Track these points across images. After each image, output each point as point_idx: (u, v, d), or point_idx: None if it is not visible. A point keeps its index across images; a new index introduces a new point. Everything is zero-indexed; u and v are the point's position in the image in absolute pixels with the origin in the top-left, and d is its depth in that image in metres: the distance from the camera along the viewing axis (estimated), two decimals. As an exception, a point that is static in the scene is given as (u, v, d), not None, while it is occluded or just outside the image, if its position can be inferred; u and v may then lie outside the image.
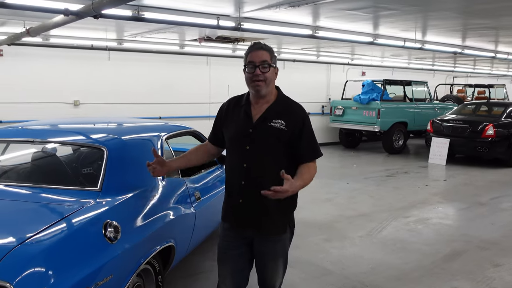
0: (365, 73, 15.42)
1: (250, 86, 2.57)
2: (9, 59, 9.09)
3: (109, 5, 3.78)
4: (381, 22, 6.72)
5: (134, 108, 10.50)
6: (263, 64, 2.49)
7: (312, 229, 5.79)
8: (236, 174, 2.60)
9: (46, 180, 3.17)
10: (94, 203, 2.78)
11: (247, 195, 2.57)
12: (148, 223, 3.04)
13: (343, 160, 11.92)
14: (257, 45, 2.55)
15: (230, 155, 2.67)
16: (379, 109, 12.13)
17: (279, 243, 2.65)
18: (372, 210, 6.77)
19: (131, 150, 3.41)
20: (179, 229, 3.48)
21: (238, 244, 2.68)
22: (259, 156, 2.53)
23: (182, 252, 3.68)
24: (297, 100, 2.73)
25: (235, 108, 2.68)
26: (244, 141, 2.55)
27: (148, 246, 3.01)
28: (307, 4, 4.88)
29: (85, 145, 3.37)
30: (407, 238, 5.52)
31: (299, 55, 12.09)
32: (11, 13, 5.55)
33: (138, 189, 3.15)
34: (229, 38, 8.66)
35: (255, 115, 2.57)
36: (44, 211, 2.67)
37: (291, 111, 2.60)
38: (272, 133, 2.52)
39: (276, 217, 2.60)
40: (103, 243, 2.55)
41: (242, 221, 2.63)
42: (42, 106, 9.37)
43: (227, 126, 2.67)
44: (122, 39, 9.08)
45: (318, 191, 7.91)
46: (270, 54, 2.55)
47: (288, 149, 2.55)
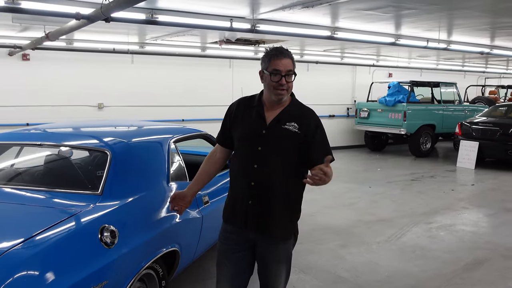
0: (391, 74, 15.11)
1: (272, 93, 2.53)
2: (35, 63, 9.33)
3: (117, 8, 3.79)
4: (402, 22, 6.53)
5: (157, 110, 10.59)
6: (289, 73, 2.49)
7: (328, 234, 5.66)
8: (245, 175, 2.57)
9: (47, 183, 3.19)
10: (93, 207, 2.76)
11: (256, 196, 2.54)
12: (149, 228, 3.01)
13: (368, 164, 11.69)
14: (282, 52, 2.52)
15: (240, 156, 2.63)
16: (405, 111, 11.84)
17: (282, 247, 2.61)
18: (393, 215, 6.57)
19: (136, 153, 3.39)
20: (184, 234, 3.44)
21: (240, 247, 2.64)
22: (270, 158, 2.52)
23: (188, 258, 3.63)
24: (322, 103, 2.71)
25: (246, 108, 2.65)
26: (256, 142, 2.54)
27: (149, 250, 2.97)
28: (321, 5, 4.78)
29: (90, 148, 3.38)
30: (427, 245, 5.32)
31: (322, 56, 11.96)
32: (32, 18, 5.66)
33: (141, 193, 3.12)
34: (249, 40, 8.62)
35: (269, 117, 2.56)
36: (41, 215, 2.66)
37: (304, 115, 2.58)
38: (285, 135, 2.51)
39: (283, 221, 2.58)
40: (98, 248, 2.53)
41: (249, 223, 2.59)
42: (67, 109, 9.59)
43: (237, 126, 2.64)
44: (144, 43, 9.17)
45: (338, 195, 7.77)
46: (293, 61, 2.54)
47: (299, 153, 2.53)
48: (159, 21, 5.24)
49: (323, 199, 7.41)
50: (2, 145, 3.60)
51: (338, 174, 9.69)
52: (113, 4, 3.70)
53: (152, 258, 2.99)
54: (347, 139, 14.10)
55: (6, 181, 3.26)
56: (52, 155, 3.56)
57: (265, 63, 2.53)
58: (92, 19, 4.36)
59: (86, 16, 4.31)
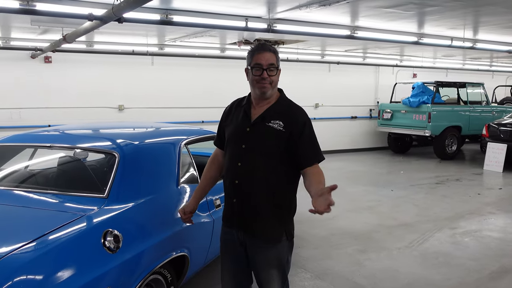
0: (416, 75, 14.77)
1: (256, 87, 2.51)
2: (57, 65, 9.43)
3: (128, 8, 3.74)
4: (425, 20, 6.30)
5: (177, 112, 10.58)
6: (271, 67, 2.45)
7: (347, 239, 5.50)
8: (230, 173, 2.56)
9: (54, 185, 3.15)
10: (97, 210, 2.69)
11: (240, 195, 2.52)
12: (157, 232, 2.93)
13: (391, 166, 11.43)
14: (264, 47, 2.50)
15: (227, 154, 2.62)
16: (429, 113, 11.54)
17: (271, 251, 2.52)
18: (415, 220, 6.35)
19: (145, 155, 3.32)
20: (193, 238, 3.35)
21: (236, 246, 2.60)
22: (253, 156, 2.48)
23: (199, 262, 3.54)
24: (343, 104, 2.59)
25: (236, 108, 2.67)
26: (240, 140, 2.53)
27: (156, 255, 2.89)
28: (338, 3, 4.64)
29: (98, 150, 3.32)
30: (451, 252, 5.11)
31: (343, 57, 11.76)
32: (50, 20, 5.69)
33: (148, 196, 3.05)
34: (268, 41, 8.51)
35: (254, 114, 2.54)
36: (43, 218, 2.61)
37: (291, 113, 2.53)
38: (269, 133, 2.47)
39: (269, 222, 2.51)
40: (101, 253, 2.46)
41: (234, 222, 2.58)
42: (88, 110, 9.66)
43: (227, 126, 2.66)
44: (163, 44, 9.17)
45: (359, 198, 7.59)
46: (276, 56, 2.52)
47: (285, 152, 2.47)
48: (174, 21, 5.19)
49: (342, 202, 7.23)
50: (14, 147, 3.59)
51: (359, 177, 9.64)
52: (123, 4, 3.66)
53: (159, 263, 2.91)
54: (370, 141, 13.83)
55: (13, 183, 3.24)
56: (62, 157, 3.53)
57: (248, 60, 2.52)
58: (104, 20, 4.34)
59: (99, 17, 4.30)
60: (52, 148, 3.38)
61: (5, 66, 8.97)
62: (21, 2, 4.23)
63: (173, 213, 3.21)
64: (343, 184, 8.68)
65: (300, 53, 10.69)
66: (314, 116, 12.57)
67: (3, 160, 3.47)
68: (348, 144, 13.41)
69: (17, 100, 9.09)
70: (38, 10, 4.32)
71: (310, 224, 5.93)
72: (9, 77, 9.01)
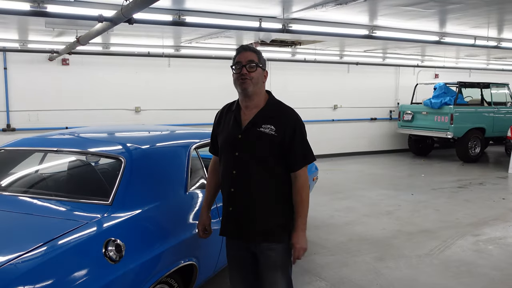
0: (438, 75, 14.42)
1: (237, 85, 2.53)
2: (75, 68, 9.47)
3: (136, 8, 3.66)
4: (446, 19, 6.08)
5: (194, 114, 10.53)
6: (250, 63, 2.47)
7: (364, 245, 5.32)
8: (226, 181, 2.56)
9: (59, 191, 3.07)
10: (100, 218, 2.60)
11: (236, 202, 2.52)
12: (163, 240, 2.83)
13: (411, 169, 11.15)
14: (244, 48, 2.54)
15: (222, 162, 2.62)
16: (452, 114, 11.24)
17: (274, 252, 2.53)
18: (436, 226, 6.13)
19: (152, 160, 3.22)
20: (202, 246, 3.22)
21: (241, 251, 2.63)
22: (248, 162, 2.47)
23: (208, 271, 3.43)
24: (363, 105, 2.50)
25: (227, 113, 2.65)
26: (233, 148, 2.51)
27: (162, 265, 2.78)
28: (354, 2, 4.48)
29: (104, 155, 3.23)
30: (474, 261, 4.88)
31: (362, 57, 11.55)
32: (64, 22, 5.68)
33: (155, 203, 2.95)
34: (285, 41, 8.38)
35: (245, 120, 2.53)
36: (44, 226, 2.53)
37: (282, 116, 2.51)
38: (261, 139, 2.46)
39: (270, 225, 2.51)
40: (102, 263, 2.36)
41: (232, 230, 2.58)
42: (105, 112, 9.68)
43: (219, 133, 2.65)
44: (179, 46, 9.12)
45: (377, 202, 7.38)
46: (258, 55, 2.53)
47: (279, 156, 2.47)
48: (187, 22, 5.11)
49: (360, 207, 7.05)
50: (21, 151, 3.54)
51: (378, 180, 9.41)
52: (131, 5, 3.58)
53: (165, 272, 2.81)
54: (390, 143, 13.56)
55: (18, 189, 3.17)
56: (69, 162, 3.46)
57: (232, 62, 2.56)
58: (114, 21, 4.28)
59: (109, 19, 4.24)
60: (58, 153, 3.30)
61: (23, 69, 9.04)
62: (31, 4, 4.21)
63: (181, 220, 3.12)
64: (361, 188, 8.50)
65: (318, 53, 10.52)
66: (333, 117, 12.40)
67: (11, 165, 3.42)
68: (367, 146, 13.18)
69: (35, 102, 9.15)
70: (48, 12, 4.29)
71: (327, 229, 5.77)
72: (27, 80, 9.08)
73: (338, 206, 6.98)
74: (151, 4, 3.41)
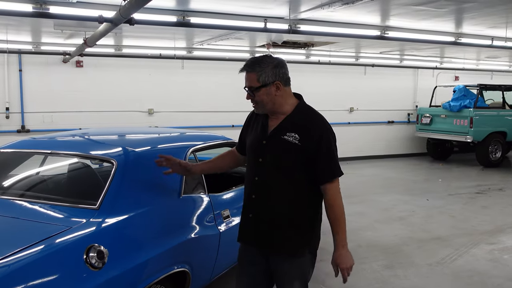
0: (458, 77, 14.06)
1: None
2: (89, 70, 9.53)
3: (132, 9, 3.60)
4: (461, 19, 5.87)
5: (207, 116, 10.49)
6: (250, 89, 2.40)
7: (373, 252, 5.15)
8: (248, 187, 2.52)
9: (47, 194, 3.00)
10: (84, 223, 2.52)
11: (257, 210, 2.46)
12: (151, 246, 2.74)
13: (429, 174, 10.89)
14: (244, 67, 2.41)
15: (247, 166, 2.58)
16: (471, 117, 10.94)
17: (294, 264, 2.44)
18: (450, 233, 5.91)
19: (145, 163, 3.13)
20: (196, 253, 3.14)
21: (256, 259, 2.52)
22: (270, 170, 2.40)
23: (203, 278, 3.33)
24: (380, 108, 2.37)
25: (256, 117, 2.57)
26: (257, 153, 2.46)
27: (150, 271, 2.69)
28: (361, 1, 4.33)
29: (95, 157, 3.17)
30: (487, 271, 4.67)
31: (378, 59, 11.33)
32: (73, 24, 5.67)
33: (145, 208, 2.87)
34: (297, 43, 8.25)
35: (271, 126, 2.45)
36: (26, 231, 2.47)
37: (309, 124, 2.40)
38: (283, 147, 2.37)
39: (289, 236, 2.41)
40: (82, 270, 2.29)
41: (250, 238, 2.51)
42: (118, 114, 9.69)
43: (247, 136, 2.61)
44: (192, 48, 9.08)
45: (391, 208, 7.19)
46: (258, 74, 2.36)
47: (303, 166, 2.37)
48: (191, 23, 5.04)
49: (372, 212, 6.87)
50: (17, 153, 3.50)
51: (393, 185, 9.18)
52: (128, 5, 3.53)
53: (153, 279, 2.72)
54: (407, 147, 13.26)
55: (5, 191, 3.12)
56: (61, 165, 3.41)
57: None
58: (114, 22, 4.24)
59: (109, 19, 4.21)
60: (51, 155, 3.26)
61: (38, 71, 9.13)
62: (34, 6, 4.20)
63: (173, 225, 3.03)
64: (375, 192, 8.30)
65: (332, 55, 10.36)
66: (349, 120, 12.20)
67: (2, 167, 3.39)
68: (384, 149, 12.92)
69: (49, 104, 9.23)
70: (51, 13, 4.30)
71: (335, 235, 5.62)
72: (42, 82, 9.17)
73: (349, 211, 6.68)
74: (145, 4, 3.35)
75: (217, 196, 3.55)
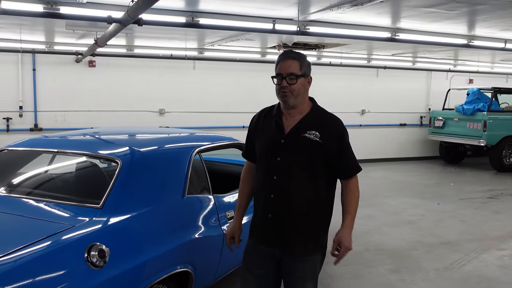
0: (472, 80, 13.88)
1: (278, 96, 2.49)
2: (101, 69, 9.62)
3: (140, 9, 3.62)
4: (473, 21, 5.79)
5: (217, 117, 10.51)
6: (290, 76, 2.40)
7: (380, 256, 5.11)
8: (265, 187, 2.48)
9: (52, 193, 3.03)
10: (87, 222, 2.54)
11: (276, 209, 2.45)
12: (153, 246, 2.74)
13: (441, 177, 10.76)
14: (286, 54, 2.47)
15: (261, 167, 2.55)
16: (485, 121, 10.80)
17: (308, 263, 2.48)
18: (460, 238, 5.83)
19: (149, 163, 3.15)
20: (199, 253, 3.14)
21: (265, 263, 2.53)
22: (290, 168, 2.41)
23: (206, 279, 3.33)
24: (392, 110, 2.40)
25: (266, 118, 2.58)
26: (275, 152, 2.45)
27: (151, 271, 2.70)
28: (371, 3, 4.30)
29: (101, 157, 3.19)
30: (497, 277, 4.60)
31: (390, 61, 11.25)
32: (84, 24, 5.74)
33: (148, 207, 2.88)
34: (308, 44, 8.22)
35: (288, 126, 2.47)
36: (27, 228, 2.49)
37: (327, 123, 2.48)
38: (305, 145, 2.41)
39: (308, 235, 2.46)
40: (83, 268, 2.30)
41: (269, 238, 2.49)
42: (130, 114, 9.78)
43: (258, 138, 2.59)
44: (203, 48, 9.11)
45: (400, 211, 7.12)
46: (300, 63, 2.43)
47: (322, 163, 2.43)
48: (200, 24, 5.06)
49: (381, 215, 6.81)
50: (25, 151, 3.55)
51: (404, 188, 9.09)
52: (135, 6, 3.56)
53: (155, 279, 2.72)
54: (420, 150, 13.13)
55: (12, 189, 3.15)
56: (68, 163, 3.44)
57: (275, 69, 2.48)
58: (123, 23, 4.27)
59: (118, 20, 4.25)
60: (58, 154, 3.29)
61: (51, 70, 9.24)
62: (45, 6, 4.25)
63: (176, 225, 3.04)
64: (385, 196, 8.23)
65: (344, 57, 10.31)
66: (360, 122, 12.12)
67: (10, 165, 3.43)
68: (395, 152, 12.81)
69: (62, 103, 9.33)
70: (61, 14, 4.35)
71: (343, 238, 5.58)
72: (55, 81, 9.28)
73: (358, 214, 6.61)
74: (152, 5, 3.37)
75: (222, 197, 3.56)
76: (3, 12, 4.22)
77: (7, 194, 3.05)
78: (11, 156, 3.51)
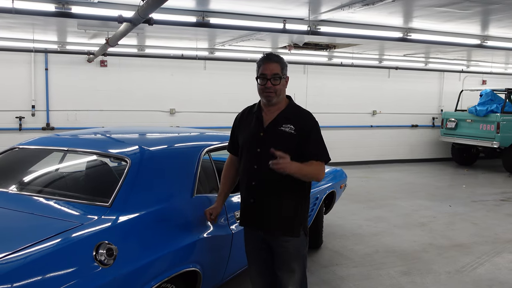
0: (485, 81, 13.72)
1: (262, 96, 2.76)
2: (112, 69, 9.68)
3: (150, 9, 3.63)
4: (486, 21, 5.71)
5: (228, 117, 10.44)
6: (275, 77, 2.67)
7: (391, 258, 5.06)
8: (248, 175, 2.77)
9: (61, 191, 3.04)
10: (95, 220, 2.54)
11: (257, 195, 2.74)
12: (162, 245, 2.73)
13: (453, 179, 10.64)
14: (269, 58, 2.71)
15: (243, 158, 2.82)
16: (498, 123, 10.67)
17: (290, 243, 2.74)
18: (472, 240, 5.76)
19: (159, 162, 3.14)
20: (208, 253, 3.13)
21: (259, 245, 2.86)
22: (268, 159, 2.57)
23: (215, 279, 3.31)
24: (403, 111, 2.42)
25: (248, 116, 2.88)
26: (255, 144, 2.74)
27: (159, 270, 2.69)
28: (382, 2, 4.26)
29: (111, 155, 3.20)
30: (509, 281, 4.53)
31: (402, 62, 11.15)
32: (96, 24, 5.77)
33: (157, 206, 2.87)
34: (319, 44, 8.18)
35: (267, 120, 2.75)
36: (38, 226, 2.50)
37: (301, 118, 2.74)
38: (282, 137, 2.68)
39: (287, 216, 2.72)
40: (91, 266, 2.30)
41: (253, 221, 2.81)
42: (141, 114, 9.84)
43: (241, 132, 2.87)
44: (214, 48, 9.12)
45: (411, 213, 7.05)
46: (281, 65, 2.70)
47: (298, 154, 2.64)
48: (211, 23, 5.05)
49: (392, 217, 6.75)
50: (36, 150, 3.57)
51: (415, 190, 9.01)
52: (145, 5, 3.56)
53: (163, 278, 2.71)
54: (431, 151, 13.02)
55: (19, 187, 3.18)
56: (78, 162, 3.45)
57: (256, 71, 2.73)
58: (133, 22, 4.28)
59: (128, 19, 4.26)
60: (68, 153, 3.30)
61: (63, 70, 9.32)
62: (56, 5, 4.28)
63: (185, 224, 3.03)
64: (396, 197, 8.16)
65: (355, 58, 10.25)
66: (371, 123, 12.03)
67: (20, 163, 3.45)
68: (407, 154, 12.71)
69: (74, 102, 9.41)
70: (73, 13, 4.38)
71: (353, 239, 5.55)
72: (67, 80, 9.35)
73: (368, 216, 6.72)
74: (162, 4, 3.37)
75: (230, 197, 3.53)
76: (16, 12, 4.26)
77: (18, 192, 3.07)
78: (22, 154, 3.53)
